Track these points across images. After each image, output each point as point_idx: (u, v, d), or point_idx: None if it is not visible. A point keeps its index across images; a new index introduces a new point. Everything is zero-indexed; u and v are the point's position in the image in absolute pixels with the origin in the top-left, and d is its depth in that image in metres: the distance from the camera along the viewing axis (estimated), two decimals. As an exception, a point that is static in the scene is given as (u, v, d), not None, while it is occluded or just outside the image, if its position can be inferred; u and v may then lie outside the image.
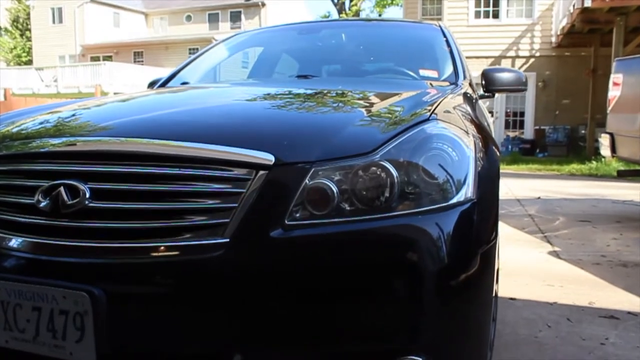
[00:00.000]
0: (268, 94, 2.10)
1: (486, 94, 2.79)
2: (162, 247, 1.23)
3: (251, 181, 1.25)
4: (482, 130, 1.72)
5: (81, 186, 1.28)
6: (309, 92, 2.09)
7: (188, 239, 1.23)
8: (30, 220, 1.32)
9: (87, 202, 1.27)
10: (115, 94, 22.91)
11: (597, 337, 2.37)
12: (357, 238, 1.23)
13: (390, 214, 1.25)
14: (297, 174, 1.27)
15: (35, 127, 1.66)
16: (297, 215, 1.24)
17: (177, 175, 1.28)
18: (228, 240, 1.21)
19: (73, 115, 1.79)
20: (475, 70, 3.35)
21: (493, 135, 2.18)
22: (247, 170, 1.27)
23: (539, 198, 6.84)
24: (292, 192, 1.25)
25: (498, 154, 1.78)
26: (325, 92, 2.05)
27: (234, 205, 1.24)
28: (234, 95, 2.16)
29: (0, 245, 1.33)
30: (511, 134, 16.24)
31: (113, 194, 1.28)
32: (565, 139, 15.15)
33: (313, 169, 1.27)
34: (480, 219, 1.37)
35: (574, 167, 11.10)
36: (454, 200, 1.31)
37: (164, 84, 2.93)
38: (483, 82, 2.77)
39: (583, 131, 14.69)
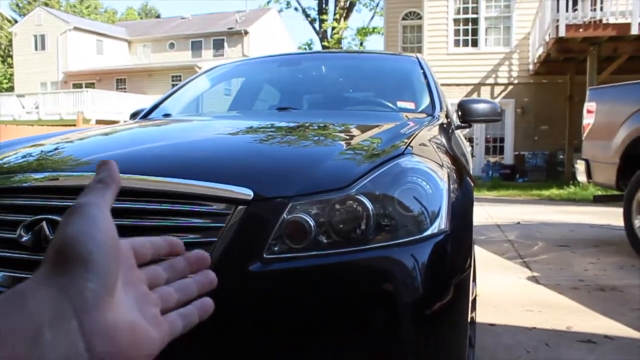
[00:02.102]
0: (249, 128, 2.15)
1: (462, 125, 2.87)
2: None
3: (230, 216, 1.28)
4: (456, 162, 1.78)
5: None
6: (290, 124, 2.15)
7: None
8: (11, 254, 1.33)
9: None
10: (97, 121, 22.86)
11: (574, 362, 2.42)
12: (334, 271, 1.27)
13: (367, 247, 1.29)
14: (275, 208, 1.30)
15: (17, 161, 1.69)
16: (276, 248, 1.27)
17: (158, 210, 1.30)
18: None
19: (56, 149, 1.81)
20: (454, 97, 3.44)
21: (471, 164, 2.25)
22: (226, 205, 1.30)
23: (518, 223, 6.93)
24: (271, 226, 1.28)
25: (472, 184, 1.84)
26: (305, 125, 2.10)
27: (214, 239, 1.26)
28: (214, 128, 2.21)
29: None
30: (492, 159, 16.46)
31: None
32: (545, 164, 15.40)
33: (291, 204, 1.30)
34: (454, 250, 1.41)
35: (553, 192, 11.29)
36: (428, 232, 1.35)
37: (145, 116, 2.96)
38: (459, 113, 2.85)
39: (561, 156, 14.95)
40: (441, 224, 1.38)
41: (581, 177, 5.63)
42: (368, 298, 1.26)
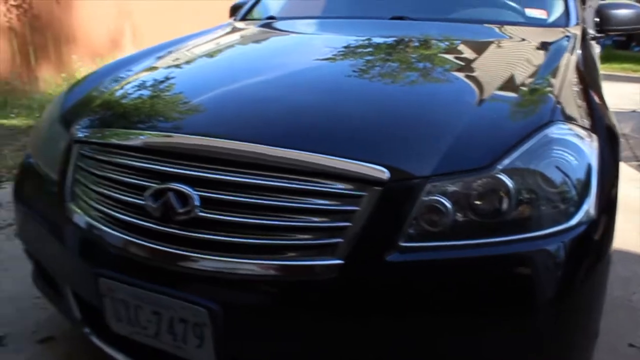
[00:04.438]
0: (365, 58, 1.95)
1: (598, 35, 2.53)
2: (273, 265, 1.22)
3: (365, 198, 1.19)
4: (602, 109, 1.60)
5: (191, 192, 1.28)
6: (410, 53, 1.96)
7: (297, 257, 1.21)
8: (139, 222, 1.34)
9: (197, 211, 1.27)
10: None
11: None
12: (477, 264, 1.19)
13: (511, 238, 1.19)
14: (412, 190, 1.20)
15: (131, 101, 1.68)
16: (412, 236, 1.19)
17: (277, 187, 1.23)
18: (342, 262, 1.19)
19: (167, 79, 1.78)
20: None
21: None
22: (359, 184, 1.21)
23: (634, 111, 6.35)
24: (407, 210, 1.19)
25: (618, 138, 1.65)
26: (426, 54, 1.91)
27: (346, 224, 1.19)
28: (325, 56, 1.98)
29: (110, 242, 1.39)
30: (605, 25, 14.91)
31: (220, 203, 1.26)
32: (666, 31, 13.78)
33: (429, 185, 1.21)
34: (600, 238, 1.30)
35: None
36: (575, 221, 1.23)
37: (246, 13, 2.83)
38: (597, 20, 2.50)
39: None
40: (590, 209, 1.25)
41: None
42: (510, 293, 1.19)
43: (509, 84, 1.60)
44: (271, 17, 2.72)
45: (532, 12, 2.47)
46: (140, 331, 1.37)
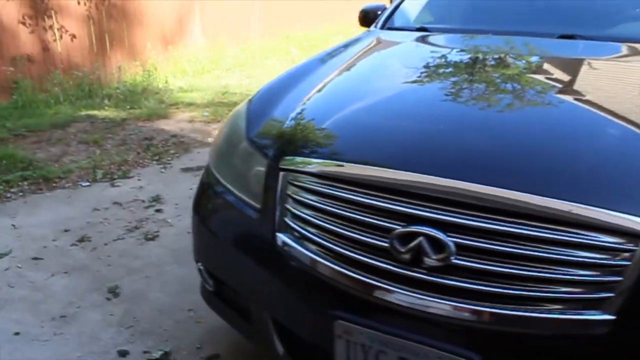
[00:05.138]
0: (564, 92, 1.74)
1: None
2: (534, 317, 1.16)
3: (638, 252, 1.11)
4: None
5: (445, 239, 1.22)
6: (600, 80, 1.84)
7: (562, 310, 1.15)
8: (383, 264, 1.29)
9: (451, 258, 1.21)
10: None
11: None
12: None
13: None
14: None
15: (339, 129, 1.60)
16: None
17: (546, 238, 1.16)
18: (613, 317, 1.12)
19: (372, 111, 1.69)
20: None
21: None
22: (631, 238, 1.13)
23: None
24: None
25: None
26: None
27: (617, 278, 1.12)
28: (521, 85, 1.83)
29: (346, 283, 1.34)
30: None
31: (475, 250, 1.20)
32: None
33: None
34: None
35: None
36: None
37: (386, 21, 2.71)
38: None
39: None
40: None
41: None
42: None
43: None
44: (422, 29, 2.54)
45: None
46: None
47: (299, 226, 1.45)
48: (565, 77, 1.89)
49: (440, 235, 1.22)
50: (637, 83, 1.88)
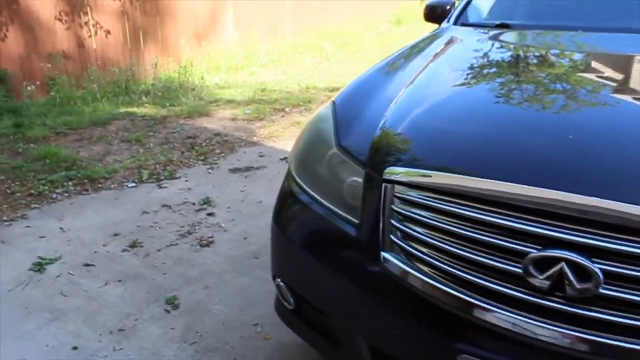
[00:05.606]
0: None
1: None
2: None
3: None
4: None
5: (591, 266, 1.04)
6: None
7: None
8: (516, 293, 1.12)
9: (599, 288, 1.04)
10: None
11: None
12: None
13: None
14: None
15: (453, 136, 1.41)
16: None
17: None
18: None
19: (474, 116, 1.50)
20: None
21: None
22: None
23: None
24: None
25: None
26: None
27: None
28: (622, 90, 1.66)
29: (473, 313, 1.16)
30: None
31: (624, 278, 1.04)
32: None
33: None
34: None
35: None
36: None
37: (460, 16, 2.51)
38: None
39: None
40: None
41: None
42: None
43: None
44: (504, 25, 2.33)
45: None
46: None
47: (409, 245, 1.28)
48: None
49: (584, 261, 1.05)
50: None
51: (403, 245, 1.28)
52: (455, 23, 2.48)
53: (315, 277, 1.54)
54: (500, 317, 1.13)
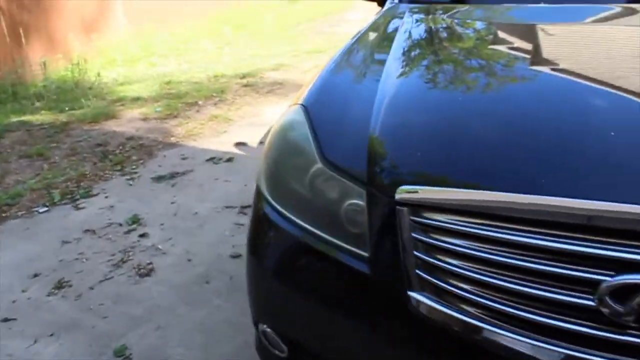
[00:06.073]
0: None
1: None
2: None
3: None
4: None
5: None
6: None
7: None
8: (592, 331, 0.94)
9: None
10: None
11: None
12: None
13: None
14: None
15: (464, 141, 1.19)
16: None
17: None
18: None
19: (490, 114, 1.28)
20: None
21: None
22: None
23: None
24: None
25: None
26: None
27: None
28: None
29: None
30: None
31: None
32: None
33: None
34: None
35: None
36: None
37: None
38: None
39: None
40: None
41: None
42: None
43: None
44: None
45: None
46: None
47: (444, 282, 1.06)
48: None
49: None
50: None
51: (436, 282, 1.07)
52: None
53: (321, 323, 1.28)
54: None
